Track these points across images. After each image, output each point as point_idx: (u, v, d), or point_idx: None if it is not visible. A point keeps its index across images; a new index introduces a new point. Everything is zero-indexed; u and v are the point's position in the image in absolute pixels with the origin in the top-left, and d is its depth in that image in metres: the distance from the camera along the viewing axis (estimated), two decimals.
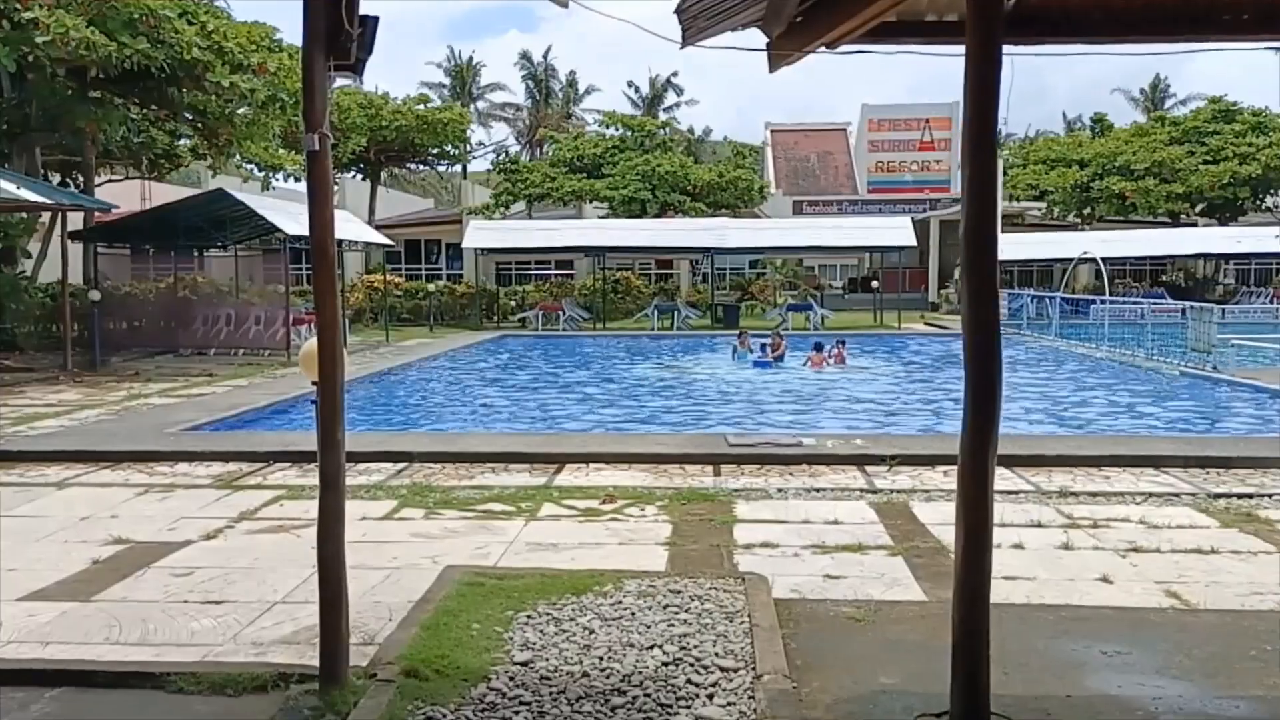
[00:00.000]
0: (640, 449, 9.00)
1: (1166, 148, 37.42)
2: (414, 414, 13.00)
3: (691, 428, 11.76)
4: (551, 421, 12.23)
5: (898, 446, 9.01)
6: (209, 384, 15.30)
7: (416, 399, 14.69)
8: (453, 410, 13.43)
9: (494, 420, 12.42)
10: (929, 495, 7.66)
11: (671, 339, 26.44)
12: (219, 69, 18.66)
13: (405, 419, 12.51)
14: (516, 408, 13.52)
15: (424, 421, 12.36)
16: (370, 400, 14.20)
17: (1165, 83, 79.88)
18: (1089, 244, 32.49)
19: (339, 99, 32.26)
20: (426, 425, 12.08)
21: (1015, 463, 8.62)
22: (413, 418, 12.61)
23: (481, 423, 12.33)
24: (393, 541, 6.46)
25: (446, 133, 32.53)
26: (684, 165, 36.78)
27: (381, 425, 11.96)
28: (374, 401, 14.16)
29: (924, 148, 52.32)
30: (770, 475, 8.40)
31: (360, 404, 13.72)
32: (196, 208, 19.44)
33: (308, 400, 14.05)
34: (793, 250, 31.28)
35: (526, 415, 12.75)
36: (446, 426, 11.90)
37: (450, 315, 31.76)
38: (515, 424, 12.13)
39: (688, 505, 7.37)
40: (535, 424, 12.06)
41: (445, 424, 12.13)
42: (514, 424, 12.13)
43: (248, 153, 24.79)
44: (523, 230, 30.29)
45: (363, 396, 14.37)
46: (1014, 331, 25.88)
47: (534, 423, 12.10)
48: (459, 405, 13.89)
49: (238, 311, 20.72)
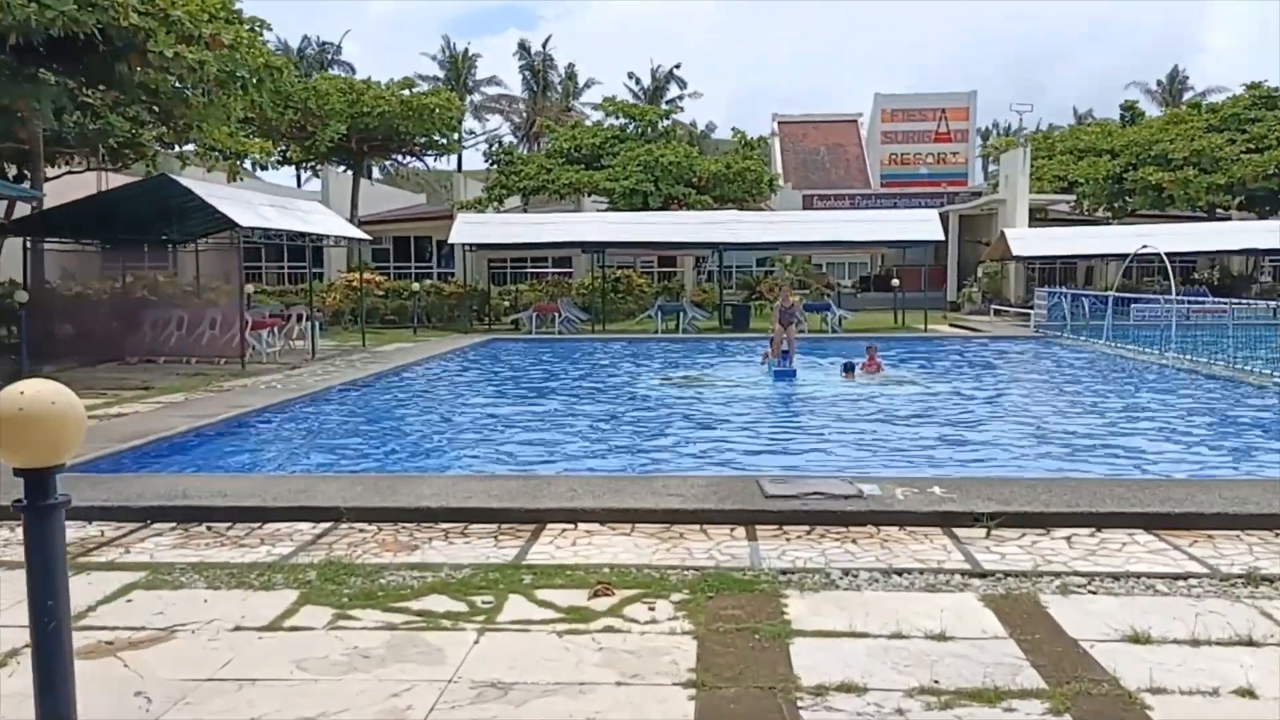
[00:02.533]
0: (647, 502, 6.69)
1: (1205, 135, 35.06)
2: (365, 443, 10.59)
3: (711, 461, 9.44)
4: (533, 455, 9.89)
5: (993, 497, 6.70)
6: (137, 401, 13.00)
7: (371, 422, 12.22)
8: (413, 438, 10.99)
9: (460, 454, 10.02)
10: (1063, 582, 5.34)
11: (677, 342, 24.13)
12: (161, 38, 16.38)
13: (353, 449, 10.15)
14: (492, 435, 11.12)
15: (374, 453, 10.00)
16: (313, 424, 11.81)
17: (1184, 74, 77.79)
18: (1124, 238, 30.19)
19: (318, 83, 29.97)
20: (376, 458, 9.74)
21: (1160, 523, 6.32)
22: (362, 448, 10.25)
23: (442, 457, 9.93)
24: (262, 681, 4.15)
25: (434, 120, 30.19)
26: (689, 156, 34.44)
27: (320, 459, 9.62)
28: (318, 425, 11.77)
29: (940, 139, 50.02)
30: (827, 543, 6.10)
31: (298, 430, 11.40)
32: (138, 197, 17.15)
33: (243, 424, 11.79)
34: (811, 246, 28.94)
35: (503, 446, 10.40)
36: (399, 464, 9.57)
37: (438, 317, 29.46)
38: (488, 458, 9.80)
39: (717, 600, 5.07)
40: (513, 458, 9.72)
41: (400, 459, 9.80)
42: (486, 458, 9.79)
43: (210, 138, 22.57)
44: (514, 225, 27.99)
45: (304, 419, 12.04)
46: (1056, 335, 23.56)
47: (511, 458, 9.74)
48: (421, 432, 11.40)
49: (190, 314, 18.44)
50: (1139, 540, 6.11)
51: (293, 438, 10.88)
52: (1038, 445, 10.27)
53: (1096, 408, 12.92)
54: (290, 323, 20.16)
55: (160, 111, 20.48)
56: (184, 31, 17.05)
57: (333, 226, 21.09)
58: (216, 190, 17.49)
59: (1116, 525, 6.37)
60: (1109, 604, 5.01)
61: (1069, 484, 7.22)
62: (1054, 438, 10.65)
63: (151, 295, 21.63)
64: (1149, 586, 5.28)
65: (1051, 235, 32.17)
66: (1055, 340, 22.89)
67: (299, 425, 11.59)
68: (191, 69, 17.10)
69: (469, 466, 9.27)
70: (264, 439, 10.64)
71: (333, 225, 21.17)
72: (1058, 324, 24.32)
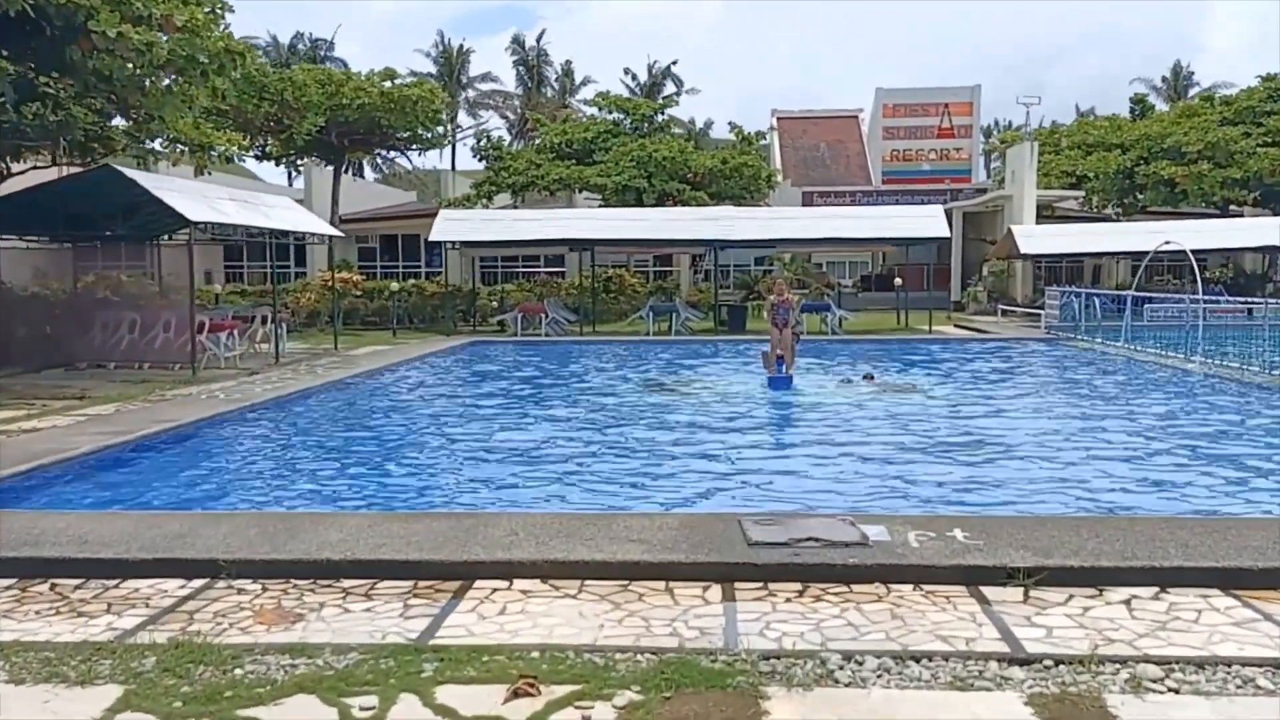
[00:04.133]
0: (601, 552, 5.41)
1: (1219, 128, 33.74)
2: (287, 468, 9.14)
3: (687, 491, 8.13)
4: (479, 483, 8.54)
5: (1029, 545, 5.43)
6: (63, 413, 11.72)
7: (306, 441, 10.77)
8: (346, 461, 9.54)
9: (393, 483, 8.55)
10: (1133, 673, 4.06)
11: (669, 345, 22.85)
12: (104, 16, 15.13)
13: (270, 476, 8.78)
14: (437, 459, 9.74)
15: (294, 480, 8.64)
16: (238, 443, 10.44)
17: (1188, 69, 76.57)
18: (1135, 235, 28.92)
19: (294, 74, 28.66)
20: (294, 489, 8.39)
21: (1239, 581, 5.06)
22: (283, 474, 8.88)
23: (371, 487, 8.41)
24: None
25: (416, 112, 28.87)
26: (683, 150, 33.15)
27: (227, 488, 8.30)
28: (243, 445, 10.40)
29: (943, 134, 48.64)
30: (824, 608, 4.83)
31: (218, 451, 10.08)
32: (80, 190, 15.87)
33: (157, 443, 10.36)
34: (810, 243, 27.62)
35: (446, 473, 9.01)
36: (321, 494, 8.26)
37: (420, 318, 28.18)
38: (425, 487, 8.46)
39: (676, 703, 3.80)
40: (454, 488, 8.38)
41: (323, 489, 8.47)
42: (423, 488, 8.45)
43: (173, 129, 21.27)
44: (500, 221, 26.67)
45: (232, 437, 10.68)
46: (1069, 337, 22.27)
47: (452, 488, 8.38)
48: (358, 452, 9.94)
49: (144, 317, 17.14)
50: (1217, 606, 4.84)
51: (207, 461, 9.55)
52: (1069, 469, 8.92)
53: (1130, 423, 11.48)
54: (254, 325, 18.88)
55: (117, 101, 19.24)
56: (131, 12, 15.82)
57: (302, 223, 19.81)
58: (167, 183, 16.23)
59: (1185, 583, 5.10)
60: (1200, 711, 3.75)
61: (1118, 525, 5.94)
62: (1087, 460, 9.29)
63: (114, 296, 20.37)
64: (1246, 680, 4.01)
65: (1061, 232, 30.89)
66: (1068, 342, 21.59)
67: (222, 445, 10.26)
68: (139, 51, 15.85)
69: (400, 499, 7.94)
70: (172, 462, 9.22)
71: (302, 221, 19.89)
72: (1070, 325, 23.05)
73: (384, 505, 7.73)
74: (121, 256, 34.11)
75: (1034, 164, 33.32)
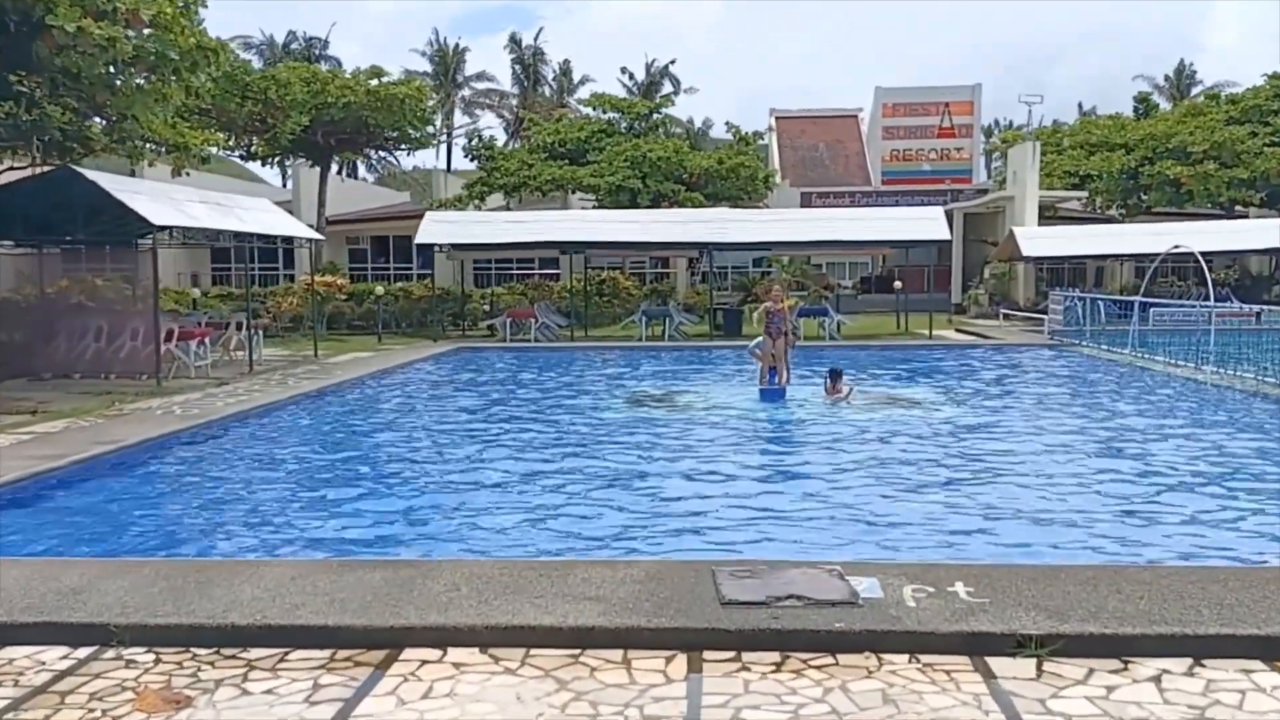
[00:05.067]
0: (551, 614, 4.72)
1: (1225, 128, 33.04)
2: (222, 502, 8.30)
3: (657, 529, 7.39)
4: (427, 519, 7.81)
5: (1042, 604, 4.75)
6: (9, 430, 11.01)
7: (255, 467, 9.89)
8: (289, 492, 8.76)
9: (332, 523, 7.61)
10: None
11: (661, 351, 22.15)
12: (63, 11, 14.46)
13: (196, 514, 7.96)
14: (390, 488, 8.88)
15: (236, 517, 7.83)
16: (180, 469, 9.61)
17: (1191, 68, 75.92)
18: (1140, 237, 28.23)
19: (278, 73, 27.96)
20: (238, 523, 7.65)
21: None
22: (217, 509, 8.03)
23: (311, 525, 7.53)
24: None
25: (404, 111, 28.15)
26: (679, 150, 32.45)
27: (148, 528, 7.53)
28: (184, 471, 9.55)
29: (944, 134, 47.94)
30: (804, 686, 4.14)
31: (157, 478, 9.31)
32: (36, 192, 15.18)
33: (89, 471, 9.21)
34: (807, 246, 26.91)
35: (394, 508, 8.11)
36: (273, 524, 7.54)
37: (408, 322, 27.49)
38: (378, 520, 7.67)
39: None
40: (401, 525, 7.58)
41: (275, 518, 7.75)
42: (375, 521, 7.66)
43: (146, 128, 20.57)
44: (488, 223, 25.97)
45: (177, 461, 9.85)
46: (1073, 343, 21.59)
47: (398, 525, 7.56)
48: (306, 483, 9.20)
49: (110, 324, 16.45)
50: (1262, 684, 4.15)
51: (140, 491, 8.72)
52: (1082, 501, 8.15)
53: (1145, 446, 10.53)
54: (229, 332, 18.19)
55: (85, 99, 18.56)
56: (94, 6, 15.14)
57: (279, 226, 19.13)
58: (133, 185, 15.55)
59: (1222, 653, 4.41)
60: None
61: (1141, 578, 5.24)
62: (1101, 491, 8.47)
63: (88, 301, 19.68)
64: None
65: (1065, 234, 30.17)
66: (1074, 349, 20.89)
67: (161, 472, 9.47)
68: (102, 47, 15.18)
69: (343, 539, 7.12)
70: (100, 493, 8.41)
71: (279, 224, 19.20)
72: (1074, 330, 22.36)
73: (326, 546, 6.99)
74: (106, 260, 33.40)
75: (1036, 164, 32.62)
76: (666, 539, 7.06)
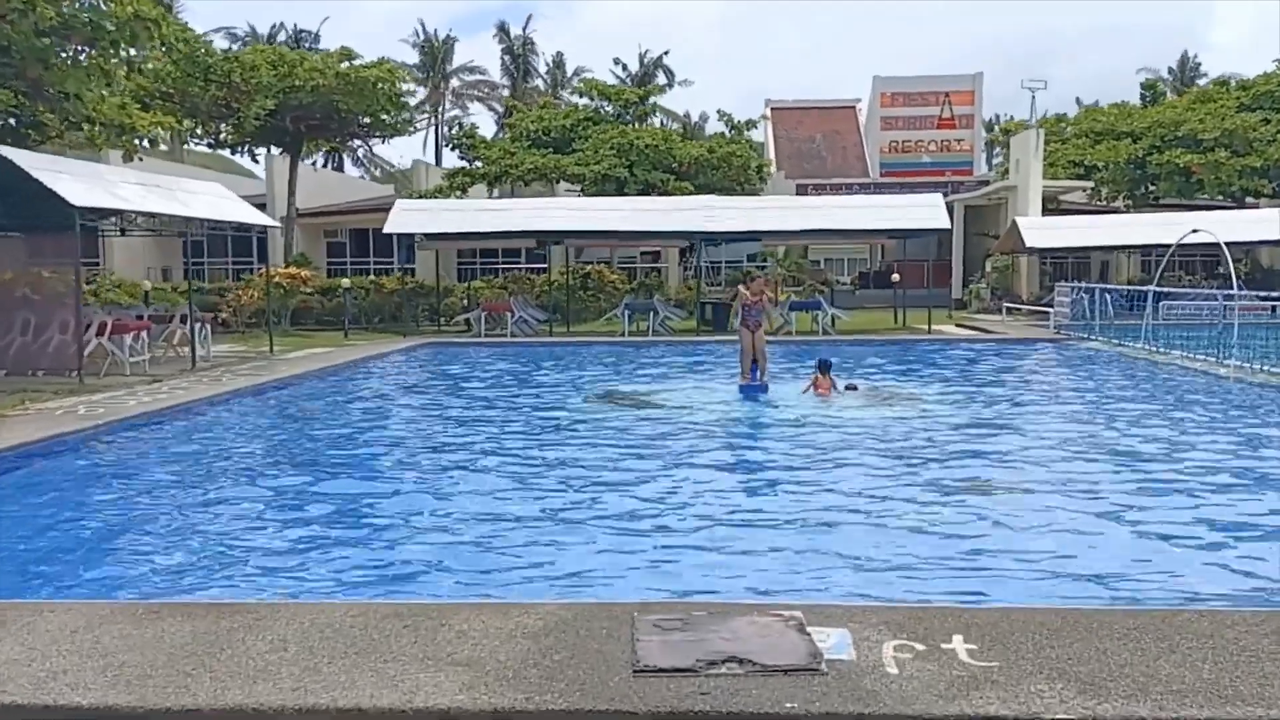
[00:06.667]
0: (391, 694, 3.44)
1: (1237, 115, 31.75)
2: (75, 521, 6.88)
3: (595, 551, 6.06)
4: (328, 536, 6.49)
5: (1067, 670, 3.47)
6: None
7: (125, 478, 8.38)
8: (165, 509, 7.20)
9: (209, 539, 6.34)
10: None
11: (642, 347, 20.87)
12: None
13: (48, 533, 6.55)
14: (287, 500, 7.53)
15: (71, 541, 6.41)
16: (29, 483, 8.04)
17: (1195, 60, 74.64)
18: (1149, 227, 26.96)
19: (243, 56, 26.65)
20: (70, 548, 6.26)
21: None
22: (60, 533, 6.56)
23: (168, 549, 6.16)
24: None
25: (376, 95, 26.84)
26: (668, 138, 31.17)
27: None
28: (30, 487, 7.95)
29: (944, 125, 46.69)
30: None
31: None
32: None
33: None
34: (800, 235, 25.59)
35: (289, 522, 6.87)
36: (114, 553, 6.15)
37: (381, 317, 26.21)
38: (249, 547, 6.27)
39: None
40: (290, 547, 6.26)
41: (115, 543, 6.37)
42: (247, 547, 6.26)
43: (93, 109, 19.27)
44: (461, 212, 24.66)
45: (28, 474, 8.25)
46: (1082, 337, 20.32)
47: (284, 551, 6.22)
48: (189, 496, 7.60)
49: (37, 317, 15.16)
50: None
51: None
52: (1114, 523, 6.66)
53: (1186, 452, 9.10)
54: (172, 326, 16.91)
55: (19, 75, 17.29)
56: None
57: (229, 211, 17.84)
58: (54, 164, 14.25)
59: None
60: None
61: (1197, 628, 3.96)
62: (1138, 509, 7.02)
63: (32, 294, 18.39)
64: None
65: (1069, 225, 28.88)
66: (1083, 344, 19.61)
67: (12, 485, 8.03)
68: (20, 11, 13.93)
69: (177, 574, 5.75)
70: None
71: (229, 210, 17.91)
72: (1081, 324, 21.08)
73: (156, 583, 5.62)
74: (46, 250, 32.01)
75: (1040, 152, 31.28)
76: (594, 567, 5.75)
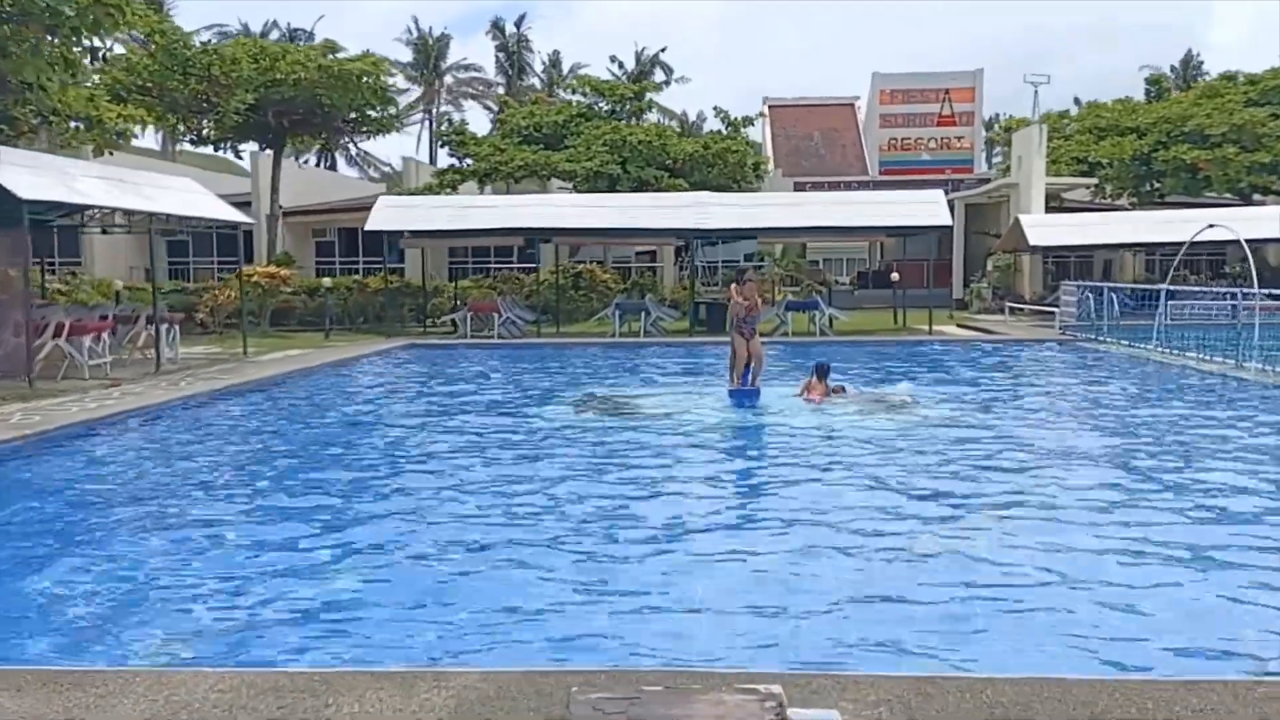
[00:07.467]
0: None
1: (1245, 109, 30.97)
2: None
3: (535, 599, 5.09)
4: (236, 575, 5.54)
5: None
6: None
7: (38, 503, 7.35)
8: (73, 544, 6.26)
9: (97, 581, 5.42)
10: None
11: (633, 348, 20.08)
12: None
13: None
14: (203, 531, 6.42)
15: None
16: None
17: (1198, 58, 73.95)
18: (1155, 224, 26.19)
19: (223, 49, 25.86)
20: None
21: None
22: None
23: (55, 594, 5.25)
24: None
25: (361, 89, 26.03)
26: (661, 134, 30.38)
27: None
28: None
29: (944, 122, 45.85)
30: None
31: None
32: None
33: None
34: (797, 232, 24.79)
35: (202, 557, 5.86)
36: None
37: (365, 317, 25.42)
38: (145, 587, 5.38)
39: None
40: (195, 587, 5.31)
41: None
42: (141, 589, 5.37)
43: (58, 100, 18.49)
44: (447, 209, 23.85)
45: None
46: (1089, 338, 19.52)
47: (180, 594, 5.25)
48: (99, 529, 6.61)
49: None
50: None
51: None
52: (1167, 564, 5.58)
53: (1202, 463, 8.25)
54: (137, 326, 16.12)
55: None
56: None
57: (198, 207, 17.04)
58: (6, 155, 13.46)
59: None
60: None
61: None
62: (1166, 539, 5.97)
63: (1, 294, 17.63)
64: None
65: (1074, 222, 28.10)
66: (1090, 344, 18.83)
67: None
68: None
69: (47, 628, 4.86)
70: None
71: (198, 205, 17.12)
72: (1088, 324, 20.30)
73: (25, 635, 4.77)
74: (55, 250, 31.09)
75: (1043, 148, 30.47)
76: (530, 613, 4.89)
